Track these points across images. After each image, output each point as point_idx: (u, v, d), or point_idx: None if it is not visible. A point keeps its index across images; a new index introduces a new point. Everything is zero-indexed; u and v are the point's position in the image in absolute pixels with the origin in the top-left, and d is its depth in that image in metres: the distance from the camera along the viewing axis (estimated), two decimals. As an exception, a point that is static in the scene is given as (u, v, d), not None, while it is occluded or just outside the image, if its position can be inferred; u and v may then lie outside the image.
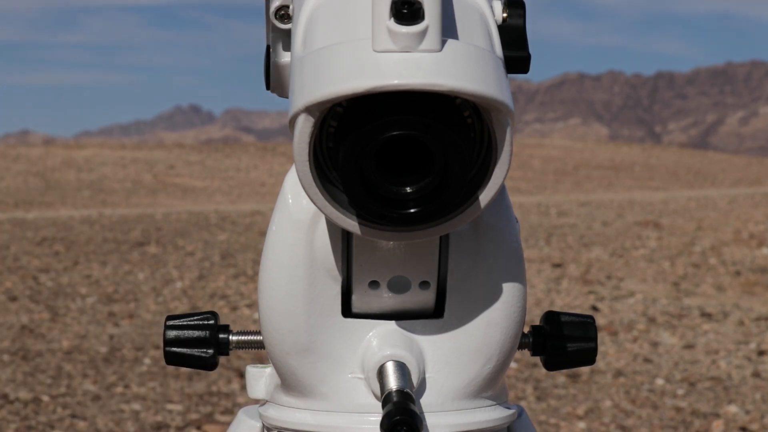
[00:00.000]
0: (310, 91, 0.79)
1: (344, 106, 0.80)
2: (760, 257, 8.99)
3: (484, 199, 0.83)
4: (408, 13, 0.77)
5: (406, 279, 0.93)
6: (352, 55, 0.79)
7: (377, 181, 0.80)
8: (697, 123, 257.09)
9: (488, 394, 0.97)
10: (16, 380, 4.81)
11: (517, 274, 0.96)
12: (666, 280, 7.90)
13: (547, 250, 9.18)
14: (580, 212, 12.47)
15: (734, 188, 17.35)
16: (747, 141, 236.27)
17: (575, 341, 1.02)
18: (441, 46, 0.78)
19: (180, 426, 4.30)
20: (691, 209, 13.03)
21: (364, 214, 0.81)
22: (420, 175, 0.80)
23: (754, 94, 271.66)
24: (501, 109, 0.79)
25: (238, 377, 4.84)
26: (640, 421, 4.58)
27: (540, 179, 17.82)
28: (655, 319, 6.53)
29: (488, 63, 0.80)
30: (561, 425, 4.51)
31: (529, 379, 5.11)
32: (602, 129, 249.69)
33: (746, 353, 5.75)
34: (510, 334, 0.96)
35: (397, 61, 0.77)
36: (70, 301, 6.51)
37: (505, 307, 0.95)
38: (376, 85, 0.77)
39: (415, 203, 0.80)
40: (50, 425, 4.24)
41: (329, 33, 0.83)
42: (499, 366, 0.96)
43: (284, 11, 0.97)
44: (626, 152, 24.99)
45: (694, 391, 5.05)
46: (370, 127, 0.78)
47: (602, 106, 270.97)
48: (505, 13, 0.89)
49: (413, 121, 0.77)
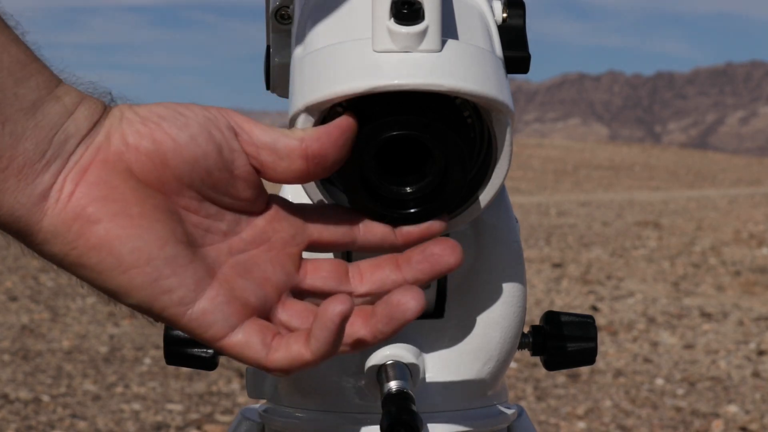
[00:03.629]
0: (310, 91, 0.79)
1: (344, 106, 0.80)
2: (760, 257, 8.99)
3: (484, 199, 0.83)
4: (408, 14, 0.77)
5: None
6: (352, 55, 0.79)
7: (377, 181, 0.80)
8: (697, 123, 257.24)
9: (488, 394, 0.97)
10: (17, 380, 4.81)
11: (517, 274, 0.96)
12: (666, 280, 7.90)
13: (547, 250, 9.18)
14: (580, 212, 12.48)
15: (734, 188, 17.35)
16: (747, 141, 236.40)
17: (575, 341, 1.02)
18: (441, 46, 0.78)
19: (180, 426, 4.31)
20: (691, 209, 13.04)
21: (364, 214, 0.82)
22: (420, 175, 0.80)
23: (754, 95, 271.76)
24: (501, 110, 0.79)
25: (238, 377, 4.85)
26: (640, 421, 4.59)
27: (540, 179, 17.83)
28: (655, 319, 6.53)
29: (488, 63, 0.80)
30: (561, 425, 4.51)
31: (529, 379, 5.12)
32: (602, 129, 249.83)
33: (746, 353, 5.76)
34: (510, 334, 0.96)
35: (397, 61, 0.77)
36: (71, 301, 6.52)
37: (505, 307, 0.96)
38: (376, 85, 0.77)
39: (415, 203, 0.80)
40: (50, 425, 4.25)
41: (329, 33, 0.83)
42: (499, 366, 0.96)
43: (284, 11, 0.97)
44: (626, 152, 24.99)
45: (694, 390, 5.05)
46: (370, 127, 0.78)
47: (602, 106, 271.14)
48: (505, 13, 0.89)
49: (413, 121, 0.78)
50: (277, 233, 0.81)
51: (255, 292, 0.79)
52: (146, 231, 0.76)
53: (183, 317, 0.78)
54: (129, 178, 0.77)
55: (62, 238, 0.76)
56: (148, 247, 0.76)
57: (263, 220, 0.81)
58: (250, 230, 0.81)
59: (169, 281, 0.77)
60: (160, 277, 0.77)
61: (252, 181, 0.80)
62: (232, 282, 0.79)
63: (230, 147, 0.78)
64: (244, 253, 0.80)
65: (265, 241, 0.81)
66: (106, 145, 0.77)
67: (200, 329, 0.78)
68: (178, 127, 0.78)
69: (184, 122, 0.78)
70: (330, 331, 0.75)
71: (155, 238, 0.77)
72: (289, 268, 0.81)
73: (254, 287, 0.79)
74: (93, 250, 0.76)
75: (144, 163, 0.77)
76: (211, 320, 0.78)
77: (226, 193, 0.79)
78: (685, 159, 24.15)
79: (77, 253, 0.76)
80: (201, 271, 0.78)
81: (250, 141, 0.79)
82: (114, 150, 0.77)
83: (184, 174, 0.77)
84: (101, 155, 0.77)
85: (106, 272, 0.77)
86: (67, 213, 0.76)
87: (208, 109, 0.79)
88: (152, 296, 0.77)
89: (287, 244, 0.81)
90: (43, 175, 0.76)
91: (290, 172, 0.79)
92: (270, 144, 0.79)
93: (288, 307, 0.80)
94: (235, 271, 0.79)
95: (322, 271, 0.82)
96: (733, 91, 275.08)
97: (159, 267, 0.77)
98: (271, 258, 0.81)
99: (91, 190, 0.76)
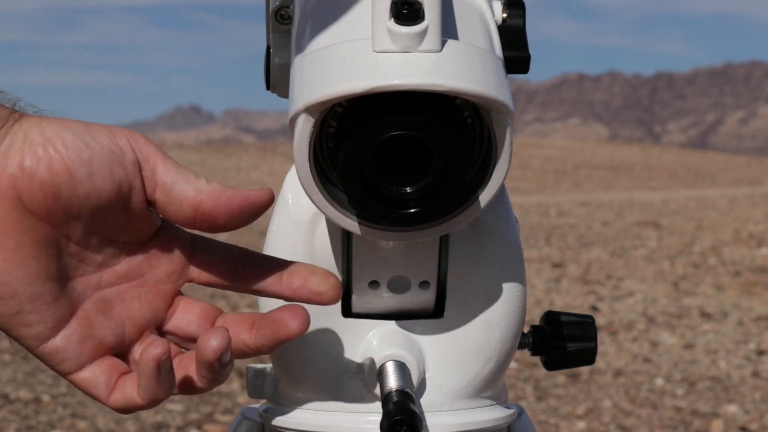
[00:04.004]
0: (310, 91, 0.79)
1: (344, 106, 0.80)
2: (760, 257, 9.00)
3: (484, 199, 0.83)
4: (408, 14, 0.77)
5: (406, 279, 0.93)
6: (352, 55, 0.79)
7: (377, 181, 0.80)
8: (697, 123, 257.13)
9: (488, 393, 0.97)
10: (17, 380, 4.81)
11: (517, 274, 0.96)
12: (666, 280, 7.91)
13: (546, 250, 9.18)
14: (580, 212, 12.48)
15: (734, 188, 17.36)
16: (746, 141, 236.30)
17: (575, 341, 1.02)
18: (441, 46, 0.78)
19: (180, 426, 4.31)
20: (690, 209, 13.04)
21: (364, 214, 0.82)
22: (420, 175, 0.80)
23: (754, 95, 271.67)
24: (501, 110, 0.79)
25: (238, 377, 4.85)
26: (639, 421, 4.59)
27: (540, 179, 17.83)
28: (655, 319, 6.54)
29: (488, 63, 0.80)
30: (561, 425, 4.51)
31: (529, 379, 5.12)
32: (602, 129, 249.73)
33: (746, 353, 5.76)
34: (510, 334, 0.96)
35: (396, 61, 0.77)
36: (70, 301, 6.51)
37: (505, 307, 0.96)
38: (376, 85, 0.77)
39: (415, 203, 0.80)
40: (51, 425, 4.25)
41: (329, 33, 0.83)
42: (499, 366, 0.96)
43: (284, 11, 0.97)
44: (626, 152, 25.00)
45: (694, 390, 5.05)
46: (370, 127, 0.78)
47: (602, 106, 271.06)
48: (505, 13, 0.89)
49: (413, 121, 0.78)
50: (153, 269, 0.81)
51: (113, 330, 0.80)
52: (17, 266, 0.77)
53: (36, 349, 0.79)
54: (15, 208, 0.76)
55: None
56: (15, 282, 0.77)
57: (142, 256, 0.81)
58: (125, 264, 0.81)
59: (29, 317, 0.78)
60: (21, 311, 0.78)
61: (143, 215, 0.80)
62: (92, 319, 0.80)
63: (130, 185, 0.78)
64: (113, 287, 0.81)
65: (138, 276, 0.81)
66: (1, 168, 0.76)
67: (51, 362, 0.80)
68: (80, 162, 0.77)
69: (87, 156, 0.77)
70: (149, 376, 0.77)
71: (25, 275, 0.77)
72: (156, 306, 0.82)
73: (113, 325, 0.80)
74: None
75: (35, 192, 0.76)
76: (62, 357, 0.79)
77: (114, 225, 0.79)
78: (685, 159, 24.15)
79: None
80: (63, 308, 0.79)
81: (151, 176, 0.79)
82: (8, 174, 0.76)
83: (74, 207, 0.77)
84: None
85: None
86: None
87: (116, 138, 0.78)
88: (11, 325, 0.79)
89: (161, 282, 0.82)
90: None
91: (178, 217, 0.79)
92: (168, 185, 0.79)
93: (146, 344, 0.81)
94: (98, 307, 0.80)
95: (190, 313, 0.83)
96: (733, 91, 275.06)
97: (22, 302, 0.78)
98: (139, 294, 0.81)
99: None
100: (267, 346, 0.81)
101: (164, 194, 0.79)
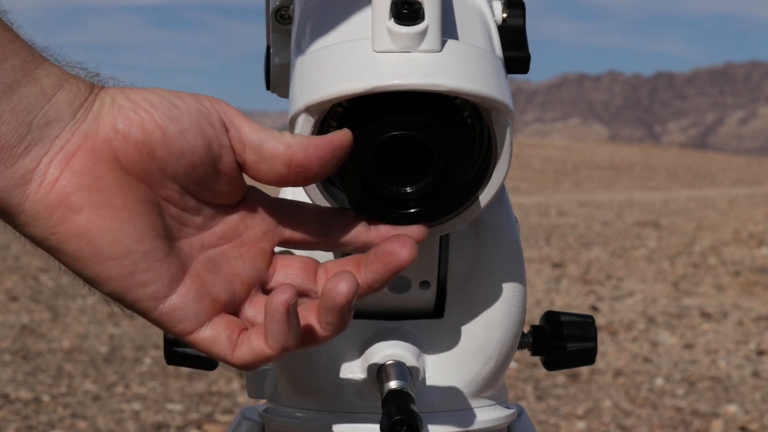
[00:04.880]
0: (310, 91, 0.79)
1: (344, 106, 0.80)
2: (760, 257, 9.00)
3: (484, 199, 0.83)
4: (408, 14, 0.77)
5: (406, 279, 0.93)
6: (352, 55, 0.79)
7: (377, 181, 0.80)
8: (697, 123, 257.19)
9: (488, 394, 0.97)
10: (17, 380, 4.81)
11: (517, 274, 0.96)
12: (666, 280, 7.91)
13: (546, 250, 9.18)
14: (580, 212, 12.48)
15: (734, 188, 17.36)
16: (746, 141, 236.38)
17: (575, 341, 1.02)
18: (441, 46, 0.78)
19: (180, 426, 4.31)
20: (690, 209, 13.04)
21: (365, 213, 0.82)
22: (420, 175, 0.80)
23: (754, 95, 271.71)
24: (501, 110, 0.79)
25: (238, 377, 4.85)
26: (639, 421, 4.59)
27: (540, 179, 17.83)
28: (655, 319, 6.53)
29: (488, 63, 0.80)
30: (561, 425, 4.51)
31: (529, 379, 5.12)
32: (602, 129, 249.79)
33: (746, 353, 5.76)
34: (510, 334, 0.96)
35: (397, 61, 0.77)
36: (71, 301, 6.52)
37: (505, 307, 0.96)
38: (376, 85, 0.77)
39: (415, 203, 0.80)
40: (51, 425, 4.25)
41: (329, 33, 0.83)
42: (499, 366, 0.96)
43: (284, 11, 0.97)
44: (626, 152, 25.00)
45: (694, 390, 5.05)
46: (370, 127, 0.78)
47: (602, 106, 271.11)
48: (505, 13, 0.89)
49: (413, 121, 0.78)
50: (249, 229, 0.81)
51: (225, 288, 0.80)
52: (127, 224, 0.77)
53: (154, 311, 0.78)
54: (114, 168, 0.77)
55: (43, 223, 0.77)
56: (127, 240, 0.77)
57: (237, 216, 0.81)
58: (223, 225, 0.81)
59: (144, 275, 0.77)
60: (136, 270, 0.77)
61: (234, 177, 0.80)
62: (203, 278, 0.79)
63: (219, 143, 0.78)
64: (216, 248, 0.81)
65: (236, 236, 0.81)
66: (95, 131, 0.77)
67: (170, 323, 0.79)
68: (170, 119, 0.77)
69: (176, 114, 0.78)
70: (279, 322, 0.76)
71: (135, 232, 0.77)
72: (259, 264, 0.81)
73: (224, 283, 0.80)
74: (73, 238, 0.76)
75: (131, 152, 0.77)
76: (181, 316, 0.78)
77: (207, 187, 0.79)
78: (685, 159, 24.15)
79: (57, 238, 0.77)
80: (175, 266, 0.78)
81: (238, 137, 0.79)
82: (102, 137, 0.77)
83: (170, 166, 0.77)
84: (89, 142, 0.77)
85: (83, 261, 0.77)
86: (50, 199, 0.76)
87: (200, 100, 0.79)
88: (126, 288, 0.78)
89: (258, 241, 0.81)
90: (23, 159, 0.76)
91: (271, 175, 0.79)
92: (256, 143, 0.79)
93: (255, 302, 0.81)
94: (206, 267, 0.80)
95: (291, 268, 0.82)
96: (733, 91, 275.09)
97: (136, 261, 0.77)
98: (241, 254, 0.81)
99: (77, 179, 0.76)
100: (379, 281, 0.79)
101: (254, 153, 0.78)
